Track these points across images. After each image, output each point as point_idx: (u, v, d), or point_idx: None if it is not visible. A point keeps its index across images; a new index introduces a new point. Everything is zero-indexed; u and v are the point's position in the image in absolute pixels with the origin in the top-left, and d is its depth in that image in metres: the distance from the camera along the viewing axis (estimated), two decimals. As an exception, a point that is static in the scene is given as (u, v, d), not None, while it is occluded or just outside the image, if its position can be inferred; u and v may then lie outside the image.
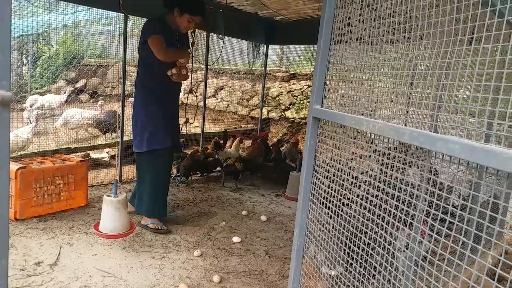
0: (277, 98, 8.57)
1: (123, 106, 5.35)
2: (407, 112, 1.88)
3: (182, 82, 3.90)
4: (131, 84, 9.83)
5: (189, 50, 3.88)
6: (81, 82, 9.24)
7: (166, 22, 3.59)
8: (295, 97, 8.45)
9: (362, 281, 1.60)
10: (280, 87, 8.67)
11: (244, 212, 4.59)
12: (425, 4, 1.35)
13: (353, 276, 1.62)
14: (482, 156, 0.96)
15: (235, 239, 3.81)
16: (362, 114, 1.69)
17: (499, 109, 1.05)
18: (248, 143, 6.51)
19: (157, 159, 3.70)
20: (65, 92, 7.46)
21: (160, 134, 3.65)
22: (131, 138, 6.31)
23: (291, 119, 8.41)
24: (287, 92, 8.54)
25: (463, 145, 1.01)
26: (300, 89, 8.48)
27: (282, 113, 8.53)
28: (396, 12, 1.50)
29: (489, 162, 0.94)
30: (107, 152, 6.08)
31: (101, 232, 3.36)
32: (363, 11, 1.67)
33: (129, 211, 3.66)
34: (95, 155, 6.05)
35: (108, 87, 9.14)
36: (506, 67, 1.01)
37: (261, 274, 3.21)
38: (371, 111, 1.73)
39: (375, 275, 1.48)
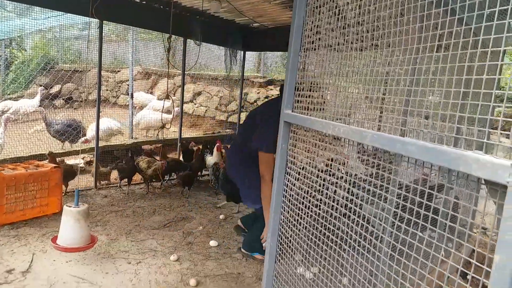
0: (255, 103, 8.64)
1: (98, 112, 5.30)
2: (380, 116, 1.96)
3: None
4: (106, 90, 9.74)
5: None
6: (56, 88, 9.07)
7: None
8: (273, 103, 8.56)
9: (334, 280, 1.65)
10: (258, 93, 8.76)
11: (221, 217, 4.61)
12: (391, 12, 1.42)
13: (327, 274, 1.67)
14: (435, 156, 1.03)
15: (212, 243, 3.82)
16: (338, 120, 1.74)
17: (459, 114, 1.11)
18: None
19: None
20: (37, 93, 7.30)
21: None
22: (107, 143, 6.24)
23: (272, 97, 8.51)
24: (265, 98, 8.63)
25: (418, 146, 1.08)
26: (278, 94, 8.59)
27: (260, 118, 8.62)
28: (364, 21, 1.58)
29: (441, 161, 1.02)
30: (83, 158, 5.99)
31: (58, 245, 3.07)
32: (331, 19, 1.74)
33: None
34: (70, 161, 5.95)
35: (84, 92, 9.01)
36: (474, 72, 1.06)
37: (238, 277, 3.24)
38: (347, 115, 1.78)
39: (347, 272, 1.53)
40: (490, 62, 0.95)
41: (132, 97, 6.84)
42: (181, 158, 6.11)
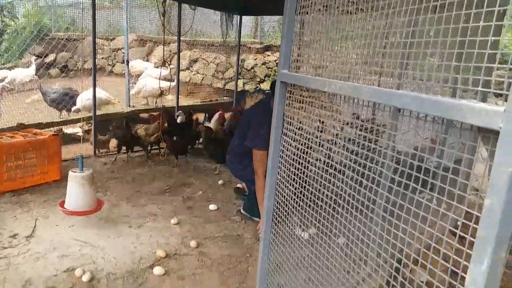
0: (252, 70, 8.54)
1: (94, 80, 5.25)
2: (380, 77, 1.94)
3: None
4: (102, 58, 9.60)
5: None
6: (51, 57, 8.93)
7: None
8: (270, 69, 8.46)
9: (332, 237, 1.68)
10: (255, 59, 8.64)
11: (220, 182, 4.66)
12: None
13: (327, 232, 1.70)
14: (429, 106, 1.03)
15: (212, 207, 3.89)
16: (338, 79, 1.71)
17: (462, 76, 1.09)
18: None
19: None
20: (32, 63, 7.20)
21: None
22: (105, 112, 6.21)
23: (267, 91, 8.44)
24: (262, 64, 8.53)
25: (413, 97, 1.08)
26: (275, 60, 8.48)
27: (258, 85, 8.53)
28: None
29: (436, 111, 1.01)
30: (81, 127, 5.99)
31: (65, 209, 3.18)
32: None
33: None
34: (68, 130, 5.96)
35: (79, 61, 8.88)
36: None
37: (237, 238, 3.32)
38: (346, 72, 1.75)
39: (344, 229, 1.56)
40: (487, 9, 0.93)
41: (128, 64, 6.75)
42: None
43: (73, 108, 5.93)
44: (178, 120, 5.40)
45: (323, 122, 1.76)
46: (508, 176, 0.78)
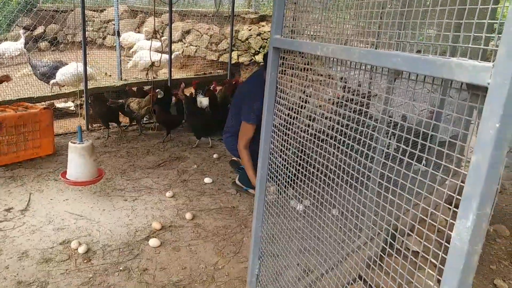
0: (247, 41, 8.37)
1: (85, 54, 5.14)
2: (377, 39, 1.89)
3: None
4: (92, 30, 9.38)
5: None
6: (40, 29, 8.71)
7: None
8: (265, 40, 8.29)
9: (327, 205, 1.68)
10: (250, 30, 8.45)
11: (215, 156, 4.65)
12: None
13: (319, 202, 1.70)
14: (421, 65, 1.01)
15: (207, 180, 3.89)
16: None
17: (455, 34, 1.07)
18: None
19: None
20: (20, 36, 7.03)
21: None
22: (97, 86, 6.11)
23: (262, 63, 8.32)
24: (257, 35, 8.35)
25: (404, 57, 1.06)
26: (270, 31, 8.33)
27: (252, 57, 8.39)
28: None
29: (426, 70, 0.99)
30: (73, 101, 5.92)
31: (67, 179, 3.21)
32: None
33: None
34: (60, 104, 5.88)
35: (69, 34, 8.67)
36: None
37: (232, 210, 3.34)
38: (344, 41, 1.71)
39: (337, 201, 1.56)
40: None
41: (118, 35, 6.60)
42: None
43: (52, 81, 5.78)
44: (158, 96, 5.30)
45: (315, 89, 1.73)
46: (494, 132, 0.77)
